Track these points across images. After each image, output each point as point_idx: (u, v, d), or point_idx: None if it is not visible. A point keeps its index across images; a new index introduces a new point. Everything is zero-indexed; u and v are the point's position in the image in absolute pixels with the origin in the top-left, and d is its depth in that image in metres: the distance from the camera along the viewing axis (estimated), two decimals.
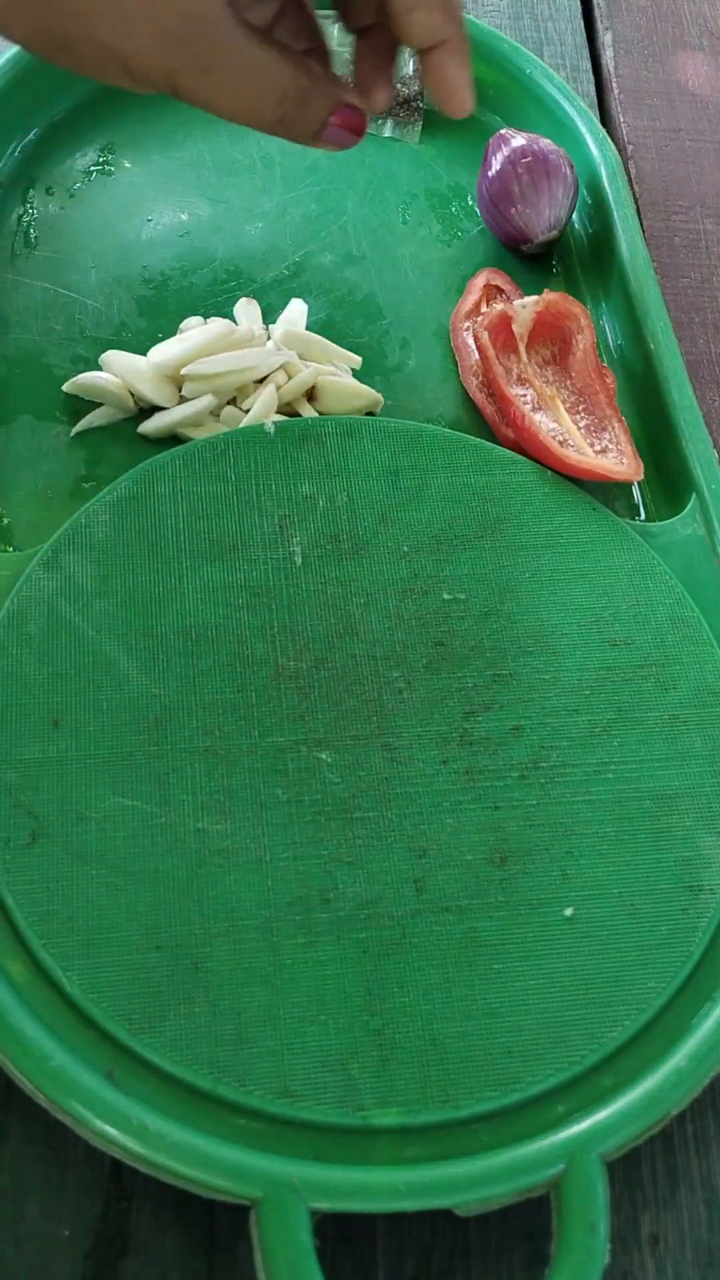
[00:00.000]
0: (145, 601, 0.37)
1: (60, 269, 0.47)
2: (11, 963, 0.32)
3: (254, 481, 0.40)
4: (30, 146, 0.50)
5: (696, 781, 0.37)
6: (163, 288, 0.47)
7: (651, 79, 0.58)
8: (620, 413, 0.44)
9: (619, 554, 0.41)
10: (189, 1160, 0.29)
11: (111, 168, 0.50)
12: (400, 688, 0.37)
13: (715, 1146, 0.34)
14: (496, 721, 0.37)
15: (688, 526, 0.42)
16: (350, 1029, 0.32)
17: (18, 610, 0.37)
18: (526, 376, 0.45)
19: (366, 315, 0.47)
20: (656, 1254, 0.32)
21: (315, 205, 0.50)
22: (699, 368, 0.49)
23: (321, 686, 0.37)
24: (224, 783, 0.35)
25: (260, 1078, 0.31)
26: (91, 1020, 0.31)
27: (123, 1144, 0.29)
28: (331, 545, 0.40)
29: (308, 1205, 0.29)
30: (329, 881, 0.34)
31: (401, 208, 0.51)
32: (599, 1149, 0.30)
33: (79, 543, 0.38)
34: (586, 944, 0.34)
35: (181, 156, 0.50)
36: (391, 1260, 0.31)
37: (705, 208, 0.54)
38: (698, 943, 0.34)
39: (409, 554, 0.40)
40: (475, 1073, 0.32)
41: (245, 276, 0.48)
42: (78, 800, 0.34)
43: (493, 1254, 0.31)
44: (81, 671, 0.36)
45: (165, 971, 0.32)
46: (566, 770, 0.36)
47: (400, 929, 0.33)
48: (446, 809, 0.35)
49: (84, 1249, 0.31)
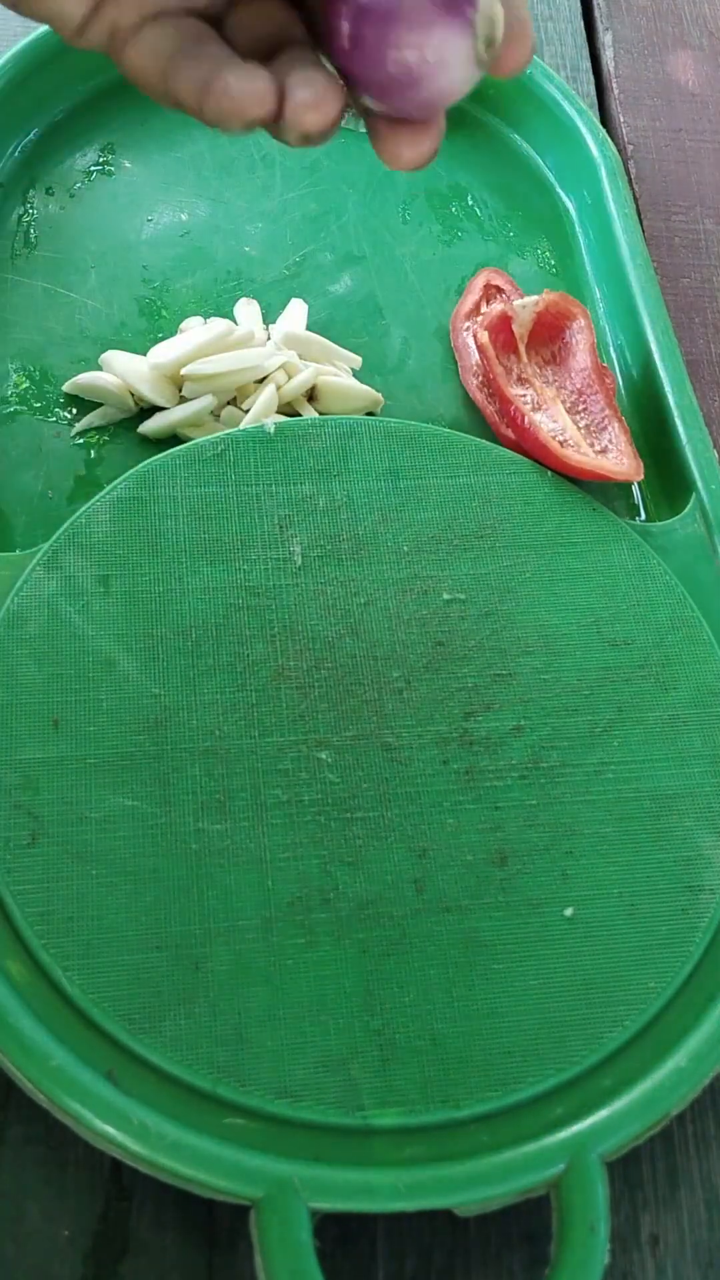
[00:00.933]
0: (145, 601, 0.37)
1: (60, 269, 0.47)
2: (11, 963, 0.32)
3: (254, 481, 0.40)
4: (30, 146, 0.50)
5: (696, 781, 0.37)
6: (163, 288, 0.47)
7: (651, 79, 0.58)
8: (620, 413, 0.44)
9: (619, 554, 0.41)
10: (189, 1160, 0.29)
11: (111, 168, 0.50)
12: (400, 688, 0.37)
13: (715, 1146, 0.34)
14: (496, 721, 0.37)
15: (688, 526, 0.42)
16: (350, 1029, 0.32)
17: (18, 610, 0.37)
18: (526, 376, 0.45)
19: (366, 315, 0.47)
20: (656, 1254, 0.32)
21: (315, 205, 0.50)
22: (699, 368, 0.49)
23: (321, 686, 0.37)
24: (224, 783, 0.35)
25: (260, 1078, 0.31)
26: (91, 1020, 0.31)
27: (123, 1144, 0.29)
28: (331, 545, 0.40)
29: (308, 1205, 0.29)
30: (329, 881, 0.34)
31: (401, 208, 0.51)
32: (599, 1149, 0.30)
33: (79, 543, 0.38)
34: (586, 944, 0.34)
35: (181, 156, 0.50)
36: (391, 1260, 0.31)
37: (705, 208, 0.54)
38: (698, 943, 0.34)
39: (409, 554, 0.40)
40: (475, 1073, 0.32)
41: (245, 276, 0.48)
42: (78, 800, 0.34)
43: (493, 1254, 0.31)
44: (81, 672, 0.36)
45: (165, 971, 0.32)
46: (566, 770, 0.36)
47: (400, 929, 0.33)
48: (446, 809, 0.35)
49: (84, 1249, 0.31)
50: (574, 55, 0.59)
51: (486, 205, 0.51)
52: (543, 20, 0.60)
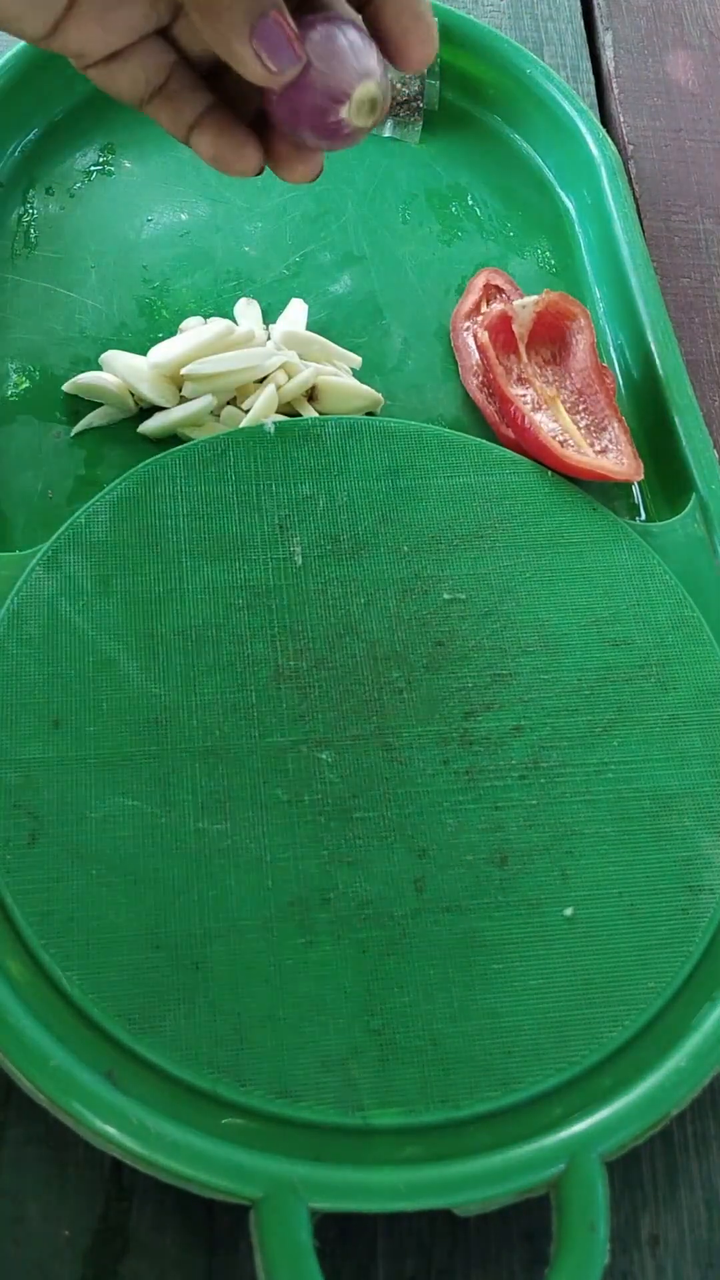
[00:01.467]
0: (145, 601, 0.37)
1: (60, 269, 0.47)
2: (11, 963, 0.32)
3: (254, 481, 0.40)
4: (30, 146, 0.50)
5: (696, 781, 0.37)
6: (163, 288, 0.47)
7: (651, 79, 0.58)
8: (620, 413, 0.44)
9: (619, 554, 0.41)
10: (189, 1160, 0.29)
11: (111, 168, 0.50)
12: (400, 688, 0.37)
13: (715, 1146, 0.34)
14: (496, 721, 0.37)
15: (688, 526, 0.42)
16: (350, 1029, 0.32)
17: (18, 610, 0.37)
18: (526, 376, 0.45)
19: (366, 315, 0.47)
20: (656, 1254, 0.32)
21: (315, 205, 0.50)
22: (699, 368, 0.49)
23: (321, 686, 0.37)
24: (224, 783, 0.35)
25: (260, 1078, 0.31)
26: (91, 1020, 0.31)
27: (122, 1144, 0.29)
28: (331, 545, 0.40)
29: (308, 1205, 0.29)
30: (329, 881, 0.34)
31: (401, 208, 0.51)
32: (599, 1149, 0.30)
33: (79, 543, 0.38)
34: (586, 944, 0.34)
35: (181, 156, 0.50)
36: (391, 1260, 0.31)
37: (705, 208, 0.54)
38: (698, 943, 0.34)
39: (409, 554, 0.40)
40: (475, 1073, 0.32)
41: (245, 276, 0.48)
42: (78, 800, 0.34)
43: (493, 1254, 0.31)
44: (81, 672, 0.36)
45: (165, 971, 0.32)
46: (566, 770, 0.36)
47: (400, 929, 0.33)
48: (447, 809, 0.35)
49: (84, 1249, 0.31)
50: (574, 55, 0.59)
51: (486, 205, 0.51)
52: (543, 20, 0.60)
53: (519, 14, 0.60)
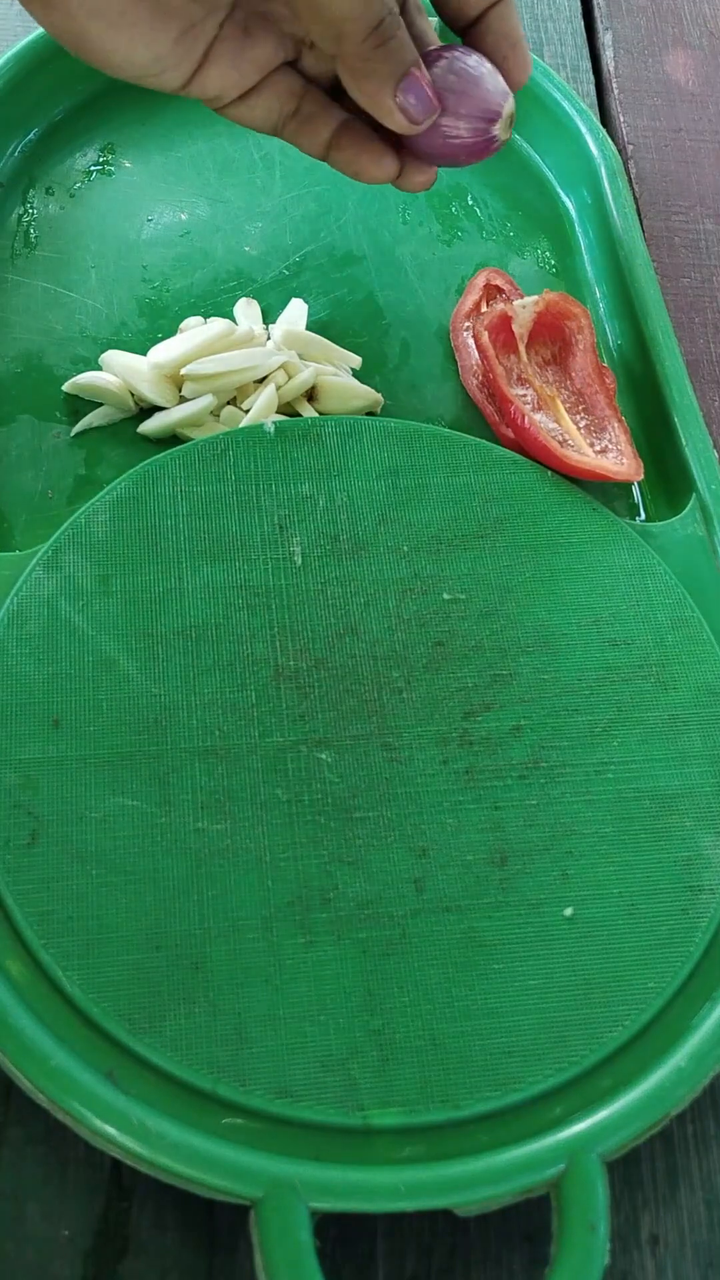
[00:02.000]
0: (145, 601, 0.37)
1: (60, 269, 0.47)
2: (11, 963, 0.32)
3: (254, 481, 0.40)
4: (30, 146, 0.50)
5: (696, 781, 0.37)
6: (163, 288, 0.47)
7: (651, 79, 0.58)
8: (620, 413, 0.44)
9: (619, 554, 0.41)
10: (189, 1160, 0.29)
11: (111, 168, 0.50)
12: (400, 688, 0.37)
13: (715, 1146, 0.34)
14: (496, 721, 0.37)
15: (688, 526, 0.42)
16: (350, 1029, 0.32)
17: (18, 610, 0.37)
18: (526, 376, 0.45)
19: (366, 315, 0.47)
20: (656, 1254, 0.32)
21: (315, 205, 0.50)
22: (699, 368, 0.49)
23: (321, 686, 0.37)
24: (224, 783, 0.35)
25: (260, 1078, 0.31)
26: (91, 1020, 0.31)
27: (123, 1144, 0.29)
28: (331, 545, 0.40)
29: (308, 1205, 0.29)
30: (329, 881, 0.34)
31: (401, 208, 0.51)
32: (599, 1149, 0.30)
33: (79, 543, 0.38)
34: (586, 944, 0.34)
35: (181, 156, 0.50)
36: (391, 1260, 0.31)
37: (705, 208, 0.54)
38: (698, 943, 0.34)
39: (409, 554, 0.40)
40: (475, 1073, 0.32)
41: (245, 276, 0.48)
42: (78, 800, 0.34)
43: (493, 1254, 0.31)
44: (81, 671, 0.36)
45: (165, 971, 0.32)
46: (566, 770, 0.36)
47: (400, 929, 0.33)
48: (446, 809, 0.35)
49: (84, 1249, 0.31)
50: (574, 55, 0.59)
51: (486, 205, 0.51)
52: (542, 20, 0.60)
53: (518, 14, 0.60)
